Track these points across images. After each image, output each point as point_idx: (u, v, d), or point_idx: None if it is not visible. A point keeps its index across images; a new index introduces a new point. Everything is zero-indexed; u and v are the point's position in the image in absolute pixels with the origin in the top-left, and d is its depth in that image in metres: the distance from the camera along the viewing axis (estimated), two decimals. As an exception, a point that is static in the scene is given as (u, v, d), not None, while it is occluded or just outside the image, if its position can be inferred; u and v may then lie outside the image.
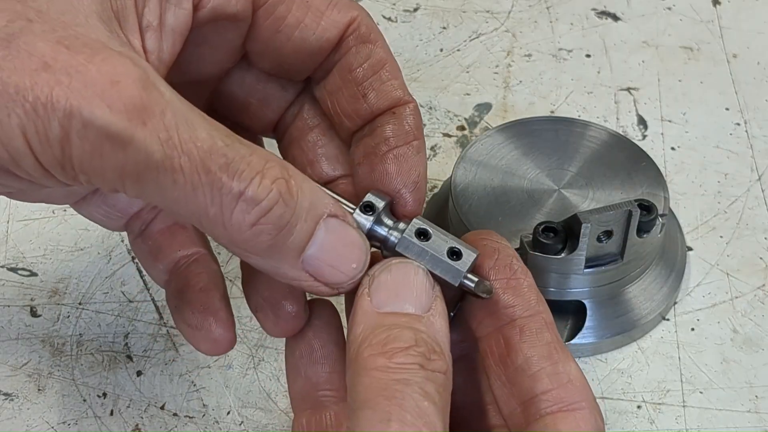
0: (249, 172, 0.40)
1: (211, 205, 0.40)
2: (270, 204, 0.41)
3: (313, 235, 0.43)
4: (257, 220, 0.41)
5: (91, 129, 0.38)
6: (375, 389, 0.40)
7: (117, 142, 0.38)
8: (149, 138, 0.39)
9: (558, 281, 0.58)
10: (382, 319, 0.42)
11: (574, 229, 0.56)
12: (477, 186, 0.61)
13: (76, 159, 0.39)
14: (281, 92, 0.51)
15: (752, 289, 0.63)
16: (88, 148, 0.39)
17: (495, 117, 0.72)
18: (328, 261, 0.43)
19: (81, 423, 0.56)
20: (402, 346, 0.41)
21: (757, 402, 0.58)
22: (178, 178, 0.39)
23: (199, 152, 0.39)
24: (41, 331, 0.60)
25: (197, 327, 0.49)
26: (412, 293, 0.43)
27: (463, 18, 0.78)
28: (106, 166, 0.39)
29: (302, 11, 0.47)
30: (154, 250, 0.51)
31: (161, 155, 0.39)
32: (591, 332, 0.59)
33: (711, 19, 0.78)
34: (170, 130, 0.39)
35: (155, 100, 0.39)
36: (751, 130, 0.71)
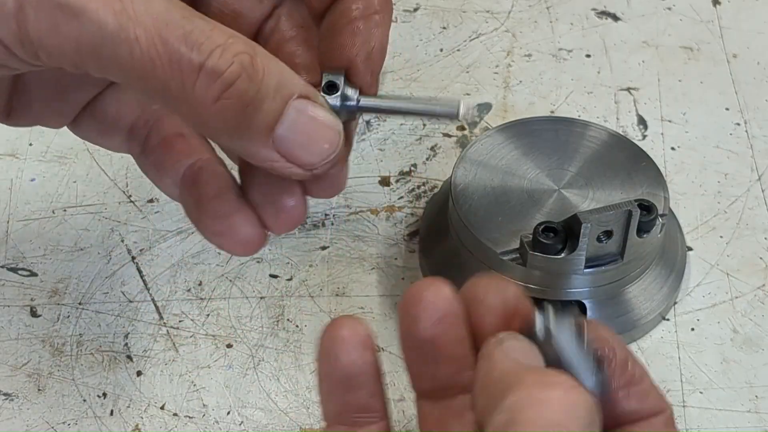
0: (209, 44, 0.40)
1: (172, 79, 0.39)
2: (232, 77, 0.40)
3: (283, 115, 0.42)
4: (220, 93, 0.40)
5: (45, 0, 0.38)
6: (539, 425, 0.35)
7: (70, 12, 0.38)
8: (102, 8, 0.38)
9: (558, 281, 0.58)
10: (531, 364, 0.39)
11: (574, 229, 0.56)
12: (477, 186, 0.61)
13: (33, 32, 0.39)
14: (256, 3, 0.50)
15: (752, 289, 0.63)
16: (42, 20, 0.38)
17: (495, 117, 0.72)
18: (299, 140, 0.43)
19: (81, 423, 0.56)
20: (575, 383, 0.37)
21: (757, 402, 0.58)
22: (135, 50, 0.39)
23: (154, 23, 0.39)
24: (41, 331, 0.60)
25: (222, 233, 0.47)
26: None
27: (463, 18, 0.78)
28: (63, 40, 0.39)
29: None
30: (157, 165, 0.50)
31: (115, 26, 0.38)
32: (591, 332, 0.59)
33: (711, 19, 0.78)
34: (124, 1, 0.39)
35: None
36: (751, 130, 0.71)
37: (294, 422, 0.57)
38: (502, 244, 0.58)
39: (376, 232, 0.65)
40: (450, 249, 0.61)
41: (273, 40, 0.50)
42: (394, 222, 0.66)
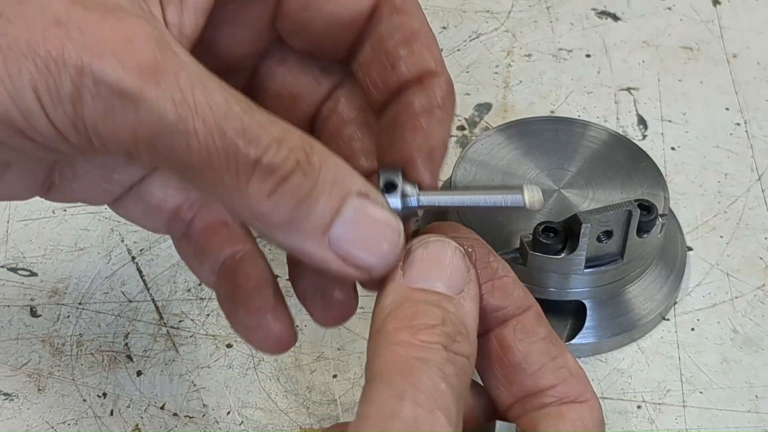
0: (266, 138, 0.39)
1: (227, 173, 0.38)
2: (287, 172, 0.39)
3: (340, 213, 0.41)
4: (274, 188, 0.39)
5: (103, 86, 0.37)
6: (393, 364, 0.39)
7: (128, 100, 0.37)
8: (162, 98, 0.37)
9: (558, 281, 0.58)
10: (412, 294, 0.41)
11: (574, 229, 0.56)
12: (477, 186, 0.61)
13: (89, 118, 0.38)
14: (315, 85, 0.49)
15: (752, 289, 0.63)
16: (99, 106, 0.37)
17: (495, 117, 0.72)
18: (357, 241, 0.41)
19: (81, 423, 0.56)
20: (428, 323, 0.40)
21: (757, 402, 0.58)
22: (192, 142, 0.38)
23: (214, 116, 0.38)
24: (41, 331, 0.60)
25: (255, 328, 0.46)
26: (446, 272, 0.42)
27: (463, 18, 0.78)
28: (119, 127, 0.38)
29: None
30: (198, 251, 0.49)
31: (174, 116, 0.37)
32: (591, 332, 0.59)
33: (711, 19, 0.78)
34: (185, 91, 0.38)
35: (170, 60, 0.38)
36: (751, 130, 0.71)
37: (294, 422, 0.57)
38: (502, 244, 0.58)
39: (376, 232, 0.65)
40: (450, 249, 0.61)
41: (331, 122, 0.49)
42: (394, 222, 0.66)
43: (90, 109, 0.38)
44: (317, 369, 0.59)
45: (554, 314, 0.60)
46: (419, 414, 0.37)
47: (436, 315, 0.40)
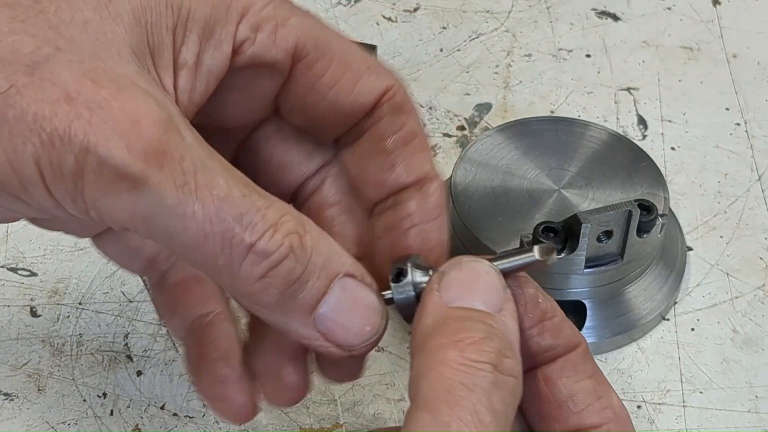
0: (262, 225, 0.40)
1: (221, 255, 0.39)
2: (279, 257, 0.40)
3: (327, 294, 0.42)
4: (265, 272, 0.40)
5: (106, 167, 0.38)
6: (439, 390, 0.38)
7: (131, 182, 0.38)
8: (164, 182, 0.38)
9: (558, 281, 0.58)
10: (452, 312, 0.40)
11: (574, 229, 0.56)
12: (477, 186, 0.61)
13: (88, 194, 0.38)
14: (305, 159, 0.49)
15: (752, 289, 0.63)
16: (101, 185, 0.38)
17: (495, 117, 0.72)
18: (341, 321, 0.42)
19: (81, 423, 0.56)
20: (475, 337, 0.39)
21: (757, 402, 0.58)
22: (190, 224, 0.39)
23: (214, 200, 0.39)
24: (41, 331, 0.60)
25: (218, 398, 0.47)
26: (483, 291, 0.41)
27: (463, 18, 0.78)
28: (118, 205, 0.39)
29: (340, 71, 0.46)
30: (170, 304, 0.50)
31: (174, 200, 0.38)
32: (591, 332, 0.59)
33: (711, 19, 0.78)
34: (187, 175, 0.38)
35: (175, 143, 0.38)
36: (751, 130, 0.71)
37: (294, 422, 0.57)
38: (502, 244, 0.58)
39: (376, 232, 0.65)
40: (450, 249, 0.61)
41: (314, 200, 0.50)
42: (394, 222, 0.66)
43: (91, 187, 0.38)
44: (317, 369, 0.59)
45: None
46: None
47: (482, 329, 0.40)
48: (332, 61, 0.46)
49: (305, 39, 0.45)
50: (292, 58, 0.45)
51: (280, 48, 0.45)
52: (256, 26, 0.44)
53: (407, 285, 0.43)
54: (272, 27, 0.44)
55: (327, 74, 0.46)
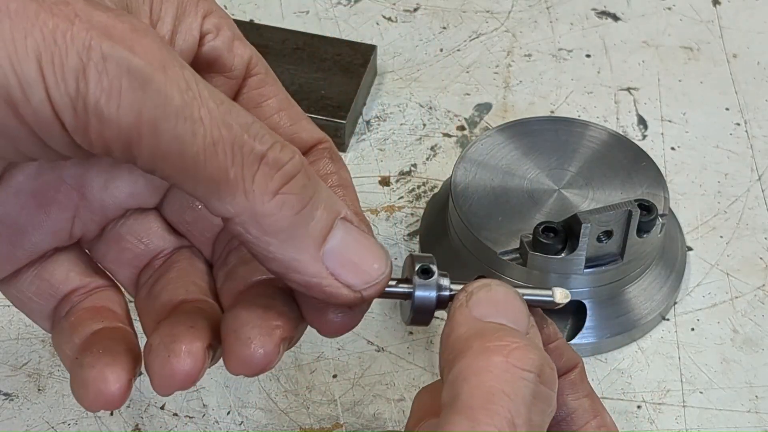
0: (269, 138, 0.39)
1: (232, 166, 0.38)
2: (294, 170, 0.39)
3: (332, 231, 0.40)
4: (280, 186, 0.39)
5: (111, 62, 0.36)
6: (480, 397, 0.37)
7: (137, 79, 0.36)
8: (169, 83, 0.37)
9: (558, 281, 0.58)
10: (488, 325, 0.40)
11: (574, 229, 0.56)
12: (477, 186, 0.61)
13: (92, 95, 0.36)
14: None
15: (752, 289, 0.63)
16: (105, 83, 0.36)
17: (495, 117, 0.72)
18: (349, 257, 0.41)
19: (81, 423, 0.56)
20: (520, 343, 0.38)
21: (757, 402, 0.58)
22: (198, 129, 0.37)
23: (219, 107, 0.38)
24: (41, 331, 0.60)
25: (88, 365, 0.42)
26: (512, 312, 0.41)
27: (463, 18, 0.78)
28: (124, 107, 0.36)
29: (284, 105, 0.46)
30: (74, 325, 0.45)
31: (181, 102, 0.37)
32: (591, 332, 0.59)
33: (711, 19, 0.78)
34: (190, 82, 0.37)
35: (174, 57, 0.38)
36: (751, 130, 0.71)
37: (294, 422, 0.57)
38: (502, 244, 0.58)
39: (376, 232, 0.65)
40: (450, 249, 0.61)
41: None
42: (394, 222, 0.66)
43: (95, 86, 0.36)
44: (317, 369, 0.59)
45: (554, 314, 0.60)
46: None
47: (524, 338, 0.39)
48: (278, 93, 0.46)
49: (258, 60, 0.46)
50: (246, 70, 0.46)
51: (237, 54, 0.45)
52: (218, 27, 0.45)
53: (432, 284, 0.42)
54: (230, 35, 0.45)
55: (272, 100, 0.46)
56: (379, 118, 0.71)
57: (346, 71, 0.71)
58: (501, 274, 0.59)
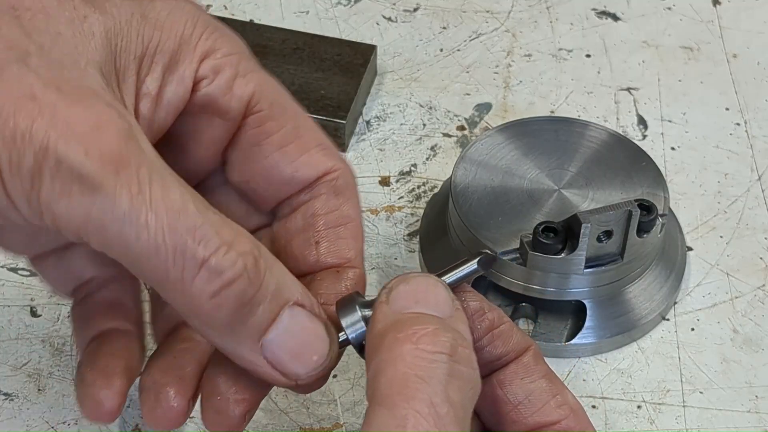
0: (216, 240, 0.40)
1: (173, 268, 0.39)
2: (233, 276, 0.40)
3: (276, 321, 0.42)
4: (218, 290, 0.40)
5: (64, 167, 0.38)
6: (395, 385, 0.38)
7: (87, 185, 0.38)
8: (119, 188, 0.38)
9: (558, 281, 0.58)
10: (403, 316, 0.41)
11: (574, 229, 0.56)
12: (477, 186, 0.61)
13: (44, 195, 0.39)
14: (244, 217, 0.50)
15: (752, 289, 0.63)
16: (57, 186, 0.38)
17: (495, 117, 0.72)
18: (288, 349, 0.42)
19: (81, 423, 0.56)
20: (429, 328, 0.39)
21: (757, 402, 0.58)
22: (142, 234, 0.39)
23: (168, 212, 0.39)
24: (41, 331, 0.60)
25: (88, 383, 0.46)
26: (432, 301, 0.42)
27: (463, 18, 0.78)
28: (73, 209, 0.39)
29: (289, 138, 0.47)
30: (87, 316, 0.49)
31: (128, 207, 0.38)
32: (591, 332, 0.59)
33: (711, 19, 0.78)
34: (142, 184, 0.39)
35: (133, 153, 0.39)
36: (751, 130, 0.71)
37: (294, 422, 0.57)
38: (502, 244, 0.58)
39: (376, 232, 0.65)
40: (450, 249, 0.61)
41: None
42: (394, 222, 0.66)
43: (47, 187, 0.38)
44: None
45: (554, 314, 0.60)
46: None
47: (435, 322, 0.40)
48: (283, 126, 0.47)
49: (261, 94, 0.46)
50: (246, 109, 0.46)
51: (236, 96, 0.46)
52: (216, 69, 0.45)
53: (358, 322, 0.44)
54: (231, 74, 0.46)
55: (275, 135, 0.47)
56: (379, 118, 0.71)
57: (346, 71, 0.71)
58: (501, 274, 0.59)
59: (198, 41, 0.45)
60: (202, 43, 0.45)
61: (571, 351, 0.59)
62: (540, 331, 0.60)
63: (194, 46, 0.45)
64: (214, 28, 0.46)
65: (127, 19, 0.43)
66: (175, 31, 0.44)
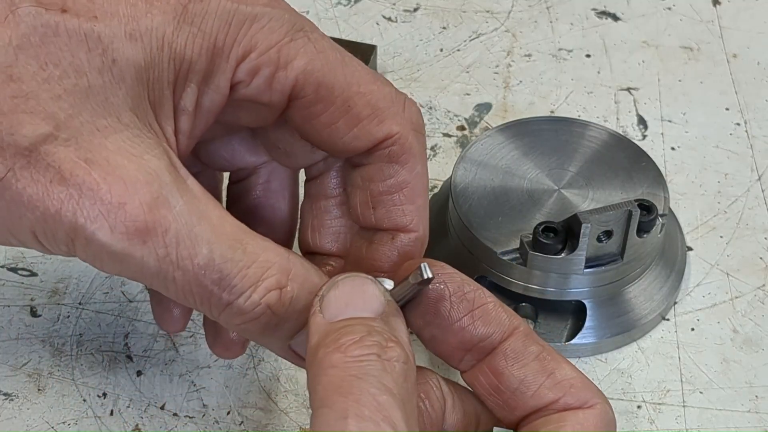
0: (241, 286, 0.43)
1: (201, 308, 0.44)
2: (255, 315, 0.43)
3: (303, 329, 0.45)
4: (242, 323, 0.44)
5: (93, 244, 0.41)
6: (331, 387, 0.40)
7: (116, 256, 0.41)
8: (147, 255, 0.41)
9: (558, 281, 0.58)
10: (334, 326, 0.42)
11: (574, 229, 0.56)
12: (477, 186, 0.61)
13: (80, 256, 0.42)
14: (309, 152, 0.51)
15: (752, 289, 0.63)
16: (90, 255, 0.42)
17: (495, 117, 0.72)
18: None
19: (81, 423, 0.56)
20: (355, 337, 0.41)
21: (757, 402, 0.58)
22: (170, 287, 0.42)
23: (194, 268, 0.42)
24: (41, 331, 0.60)
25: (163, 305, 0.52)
26: (362, 301, 0.43)
27: (463, 18, 0.78)
28: (106, 267, 0.43)
29: (338, 115, 0.47)
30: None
31: (156, 268, 0.42)
32: (591, 332, 0.59)
33: (711, 19, 0.78)
34: (169, 247, 0.41)
35: (160, 220, 0.41)
36: (751, 130, 0.71)
37: (294, 422, 0.57)
38: (502, 244, 0.58)
39: (376, 232, 0.65)
40: (450, 249, 0.61)
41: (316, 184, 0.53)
42: (394, 222, 0.66)
43: (81, 254, 0.42)
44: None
45: (554, 314, 0.60)
46: (365, 428, 0.38)
47: (361, 330, 0.41)
48: (331, 105, 0.47)
49: (305, 82, 0.46)
50: (288, 98, 0.47)
51: (276, 90, 0.46)
52: (253, 71, 0.46)
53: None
54: (270, 71, 0.46)
55: (323, 116, 0.47)
56: (379, 118, 0.71)
57: (346, 71, 0.70)
58: (501, 274, 0.59)
59: (232, 47, 0.45)
60: (236, 48, 0.45)
61: (571, 351, 0.59)
62: (540, 331, 0.60)
63: (227, 56, 0.45)
64: (251, 22, 0.45)
65: (159, 46, 0.43)
66: (206, 46, 0.44)
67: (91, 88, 0.41)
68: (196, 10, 0.44)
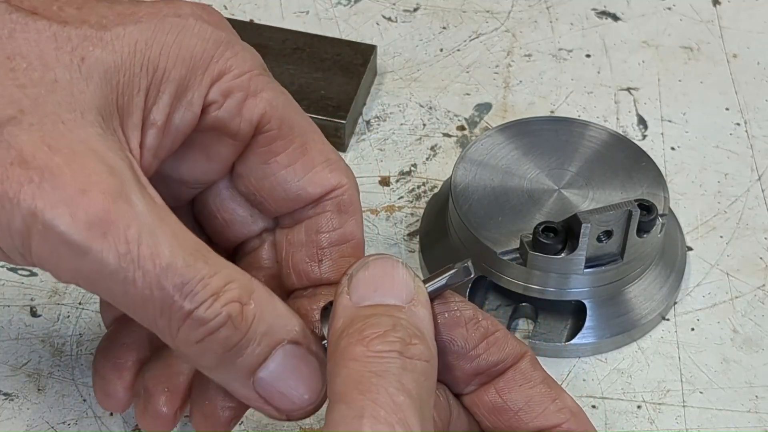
0: (203, 294, 0.41)
1: (160, 319, 0.41)
2: (216, 325, 0.41)
3: (269, 359, 0.43)
4: (203, 338, 0.42)
5: (51, 233, 0.39)
6: (351, 382, 0.39)
7: (74, 249, 0.39)
8: (106, 250, 0.39)
9: (558, 281, 0.58)
10: (360, 312, 0.42)
11: (574, 229, 0.56)
12: (477, 186, 0.61)
13: (35, 252, 0.40)
14: (249, 222, 0.51)
15: (752, 289, 0.63)
16: (47, 247, 0.40)
17: (495, 117, 0.72)
18: (280, 387, 0.44)
19: (81, 423, 0.56)
20: (379, 331, 0.40)
21: (757, 402, 0.58)
22: (130, 290, 0.40)
23: (156, 269, 0.40)
24: (41, 331, 0.60)
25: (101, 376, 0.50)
26: (391, 286, 0.43)
27: (463, 18, 0.78)
28: (63, 266, 0.40)
29: (295, 156, 0.48)
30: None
31: (116, 266, 0.40)
32: (591, 332, 0.59)
33: (711, 19, 0.78)
34: (131, 243, 0.40)
35: (122, 213, 0.40)
36: (751, 130, 0.71)
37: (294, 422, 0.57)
38: (502, 244, 0.58)
39: (376, 232, 0.65)
40: (450, 249, 0.61)
41: (250, 259, 0.51)
42: (394, 222, 0.66)
43: (37, 247, 0.40)
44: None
45: (554, 314, 0.60)
46: (379, 429, 0.38)
47: (386, 323, 0.41)
48: (291, 144, 0.48)
49: (271, 114, 0.47)
50: (255, 130, 0.47)
51: (245, 118, 0.46)
52: (226, 92, 0.46)
53: None
54: (242, 96, 0.46)
55: (283, 155, 0.48)
56: (379, 118, 0.71)
57: (346, 71, 0.71)
58: (501, 274, 0.59)
59: (208, 65, 0.45)
60: (213, 66, 0.45)
61: (571, 351, 0.59)
62: (540, 331, 0.60)
63: (203, 71, 0.45)
64: (226, 46, 0.46)
65: (131, 51, 0.43)
66: (183, 57, 0.44)
67: (57, 82, 0.41)
68: (173, 23, 0.44)
